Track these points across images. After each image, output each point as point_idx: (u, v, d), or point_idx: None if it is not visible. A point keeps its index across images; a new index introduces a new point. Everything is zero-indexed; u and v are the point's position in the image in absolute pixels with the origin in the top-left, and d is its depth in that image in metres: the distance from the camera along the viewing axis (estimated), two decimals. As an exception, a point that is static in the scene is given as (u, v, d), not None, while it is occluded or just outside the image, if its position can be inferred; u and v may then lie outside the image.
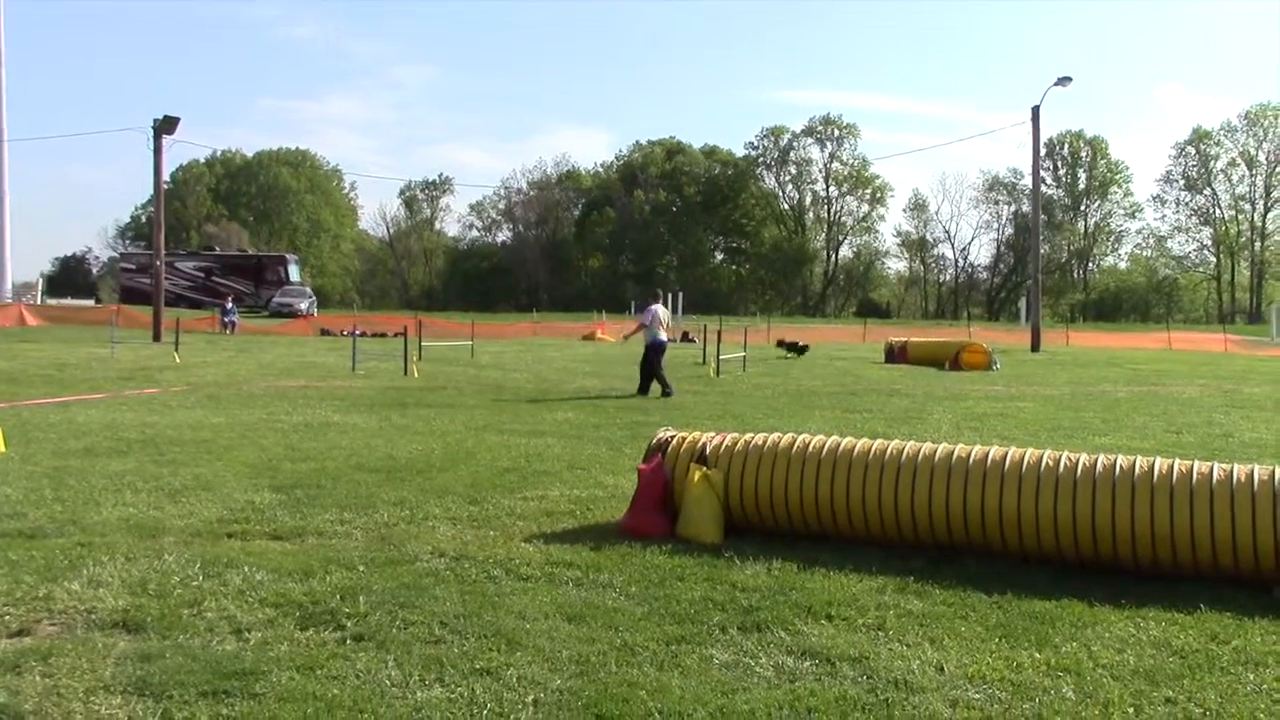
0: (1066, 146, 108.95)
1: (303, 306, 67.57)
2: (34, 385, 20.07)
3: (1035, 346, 43.35)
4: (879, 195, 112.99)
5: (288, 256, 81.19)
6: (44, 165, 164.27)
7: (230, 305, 55.07)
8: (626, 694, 4.82)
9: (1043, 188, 64.07)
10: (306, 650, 5.35)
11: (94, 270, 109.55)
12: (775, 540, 7.80)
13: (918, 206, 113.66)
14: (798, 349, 36.10)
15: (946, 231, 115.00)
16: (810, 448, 7.92)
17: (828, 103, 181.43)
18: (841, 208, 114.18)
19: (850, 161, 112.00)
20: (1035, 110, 44.99)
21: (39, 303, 66.56)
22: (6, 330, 45.63)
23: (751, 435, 8.36)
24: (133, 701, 4.68)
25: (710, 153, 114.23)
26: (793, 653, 5.45)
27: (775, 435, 8.27)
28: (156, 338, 39.10)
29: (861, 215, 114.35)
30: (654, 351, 20.01)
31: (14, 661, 5.11)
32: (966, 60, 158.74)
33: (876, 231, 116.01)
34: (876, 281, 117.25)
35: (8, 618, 5.79)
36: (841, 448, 7.87)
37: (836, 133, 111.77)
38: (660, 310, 20.86)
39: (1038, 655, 5.46)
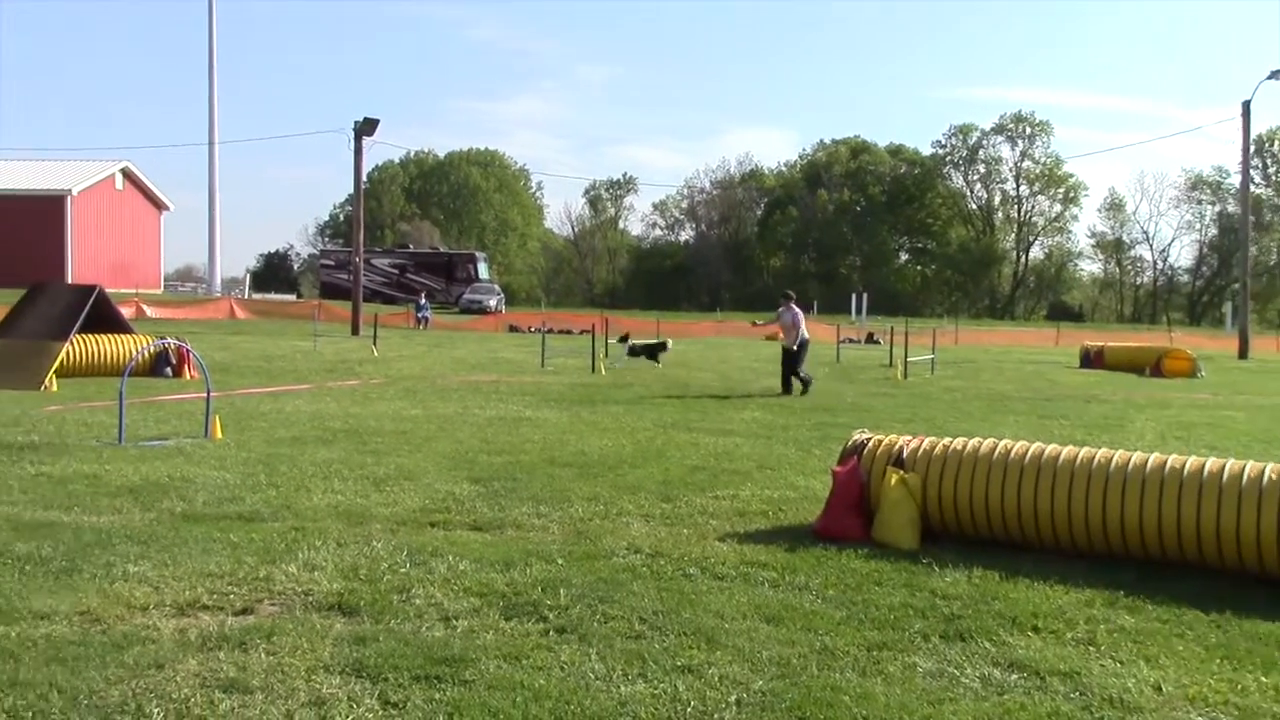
0: (1278, 143, 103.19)
1: (492, 303, 69.22)
2: (245, 376, 21.10)
3: (1243, 353, 41.27)
4: (1072, 195, 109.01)
5: (477, 254, 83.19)
6: (249, 165, 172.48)
7: (424, 301, 56.81)
8: (830, 698, 4.77)
9: (1251, 186, 60.91)
10: (511, 640, 5.47)
11: (295, 266, 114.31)
12: (974, 547, 7.62)
13: (1114, 206, 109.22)
14: (651, 350, 27.95)
15: (1145, 232, 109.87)
16: (1012, 454, 7.70)
17: (1019, 99, 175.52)
18: (1032, 207, 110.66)
19: (1042, 160, 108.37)
20: (1246, 105, 42.79)
21: (246, 297, 69.91)
22: (218, 323, 48.09)
23: (950, 440, 8.18)
24: (351, 682, 4.87)
25: (896, 151, 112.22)
26: (999, 664, 5.31)
27: (975, 440, 8.08)
28: (355, 331, 40.62)
29: (1053, 215, 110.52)
30: (805, 350, 19.96)
31: (240, 639, 5.37)
32: (1169, 54, 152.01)
33: (1069, 232, 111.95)
34: (1069, 284, 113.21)
35: (232, 596, 6.09)
36: (1046, 455, 7.63)
37: (1028, 130, 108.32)
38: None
39: (1264, 679, 5.18)
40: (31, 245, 60.38)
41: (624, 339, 27.73)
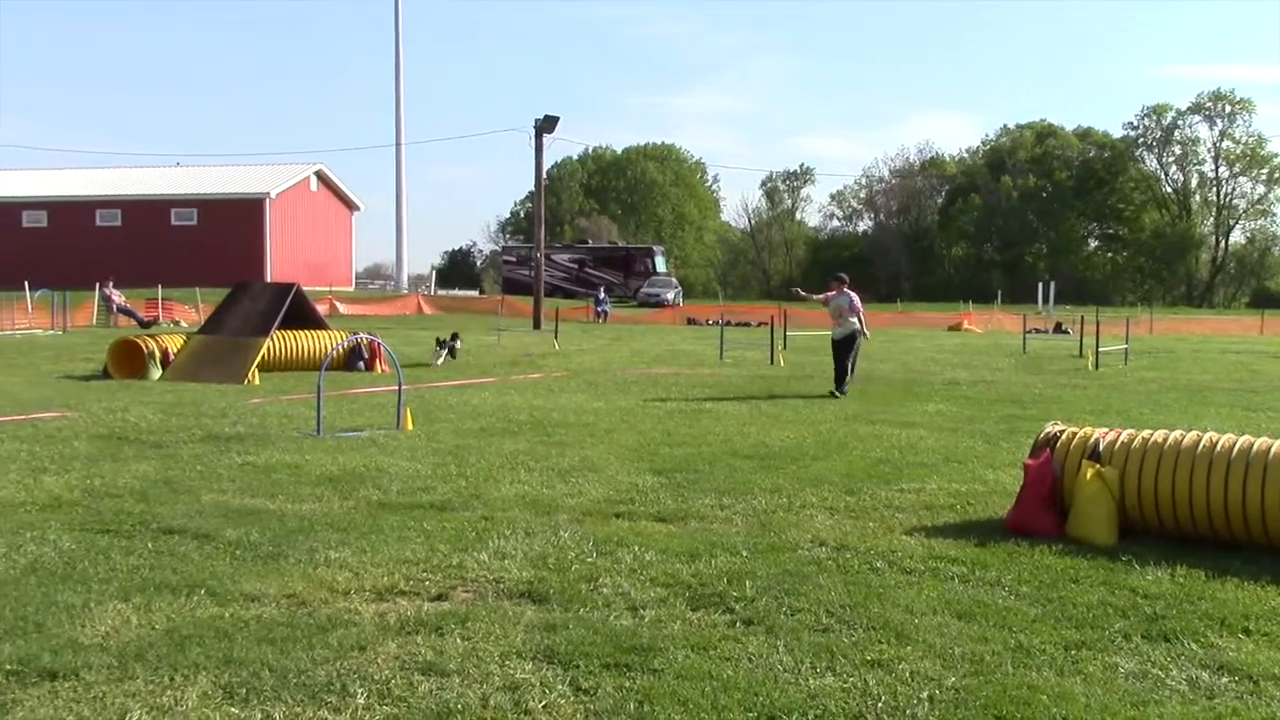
0: None
1: (669, 296, 69.58)
2: (432, 369, 21.70)
3: None
4: (1277, 175, 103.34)
5: (654, 248, 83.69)
6: (434, 165, 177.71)
7: (603, 295, 57.52)
8: (1026, 697, 4.64)
9: None
10: (698, 631, 5.49)
11: (478, 263, 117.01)
12: (1176, 544, 7.30)
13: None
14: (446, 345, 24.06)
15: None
16: (1218, 447, 7.35)
17: (1217, 76, 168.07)
18: (1233, 189, 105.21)
19: (1244, 139, 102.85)
20: None
21: (432, 293, 71.96)
22: (406, 318, 49.67)
23: (1150, 432, 7.86)
24: (543, 668, 4.97)
25: (1084, 135, 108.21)
26: (1208, 667, 5.08)
27: (1177, 433, 7.74)
28: (536, 325, 41.38)
29: (1256, 197, 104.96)
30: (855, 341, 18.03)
31: (436, 624, 5.53)
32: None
33: (1274, 214, 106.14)
34: (1273, 269, 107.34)
35: (427, 582, 6.29)
36: (1255, 448, 7.25)
37: (1228, 109, 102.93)
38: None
39: None
40: (234, 246, 63.40)
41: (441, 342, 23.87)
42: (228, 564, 6.62)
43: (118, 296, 39.61)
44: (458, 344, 24.51)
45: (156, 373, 18.54)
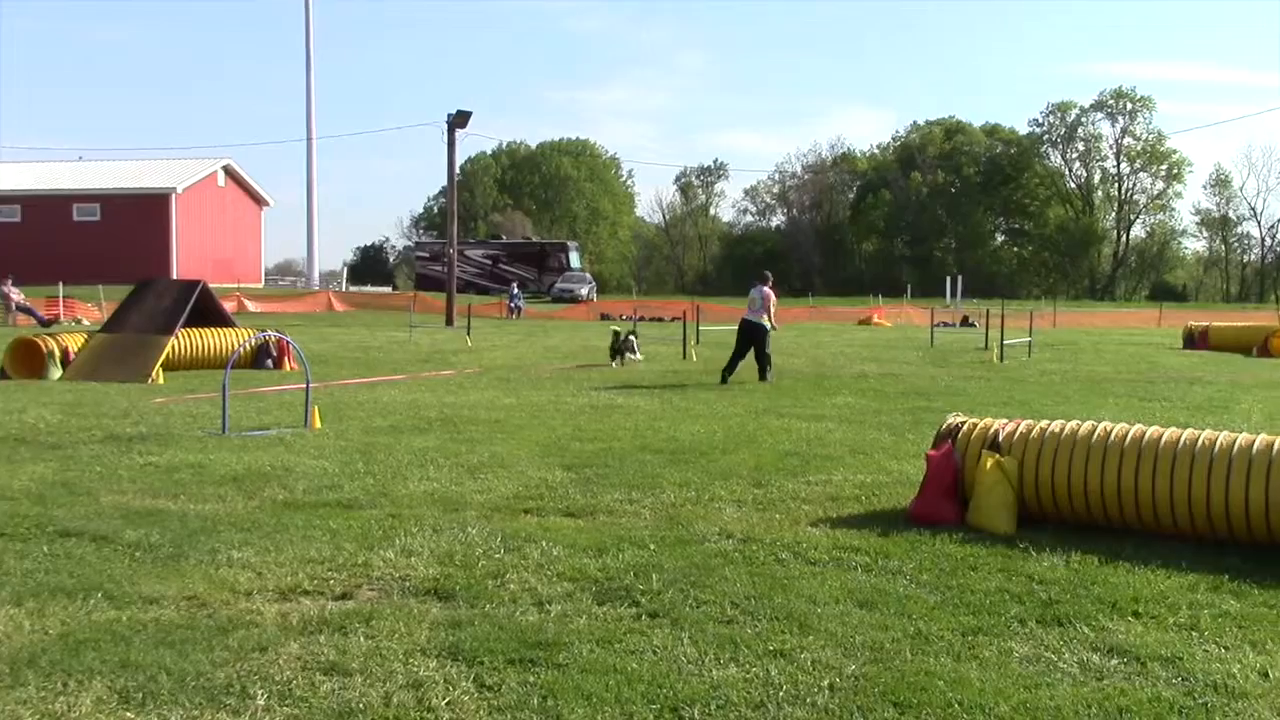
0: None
1: (583, 292, 69.58)
2: (343, 366, 21.50)
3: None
4: (1176, 171, 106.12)
5: (569, 244, 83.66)
6: (346, 159, 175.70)
7: (516, 291, 57.33)
8: (924, 683, 4.74)
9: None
10: (604, 624, 5.52)
11: (390, 259, 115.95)
12: (1072, 532, 7.49)
13: (1220, 182, 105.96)
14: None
15: (1252, 209, 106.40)
16: (1113, 436, 7.55)
17: (1119, 74, 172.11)
18: (1134, 185, 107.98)
19: (1144, 136, 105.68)
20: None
21: (344, 290, 71.13)
22: (316, 315, 49.03)
23: (1048, 423, 8.05)
24: (447, 665, 4.95)
25: (991, 131, 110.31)
26: (1098, 649, 5.22)
27: (1074, 423, 7.93)
28: (449, 322, 41.12)
29: (1156, 193, 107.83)
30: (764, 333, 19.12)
31: (340, 623, 5.49)
32: (1276, 22, 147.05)
33: (1173, 210, 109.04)
34: (1171, 263, 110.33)
35: (332, 581, 6.23)
36: (1147, 437, 7.47)
37: (1129, 106, 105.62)
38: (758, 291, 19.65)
39: (1377, 665, 5.02)
40: (138, 242, 62.09)
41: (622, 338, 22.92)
42: (126, 566, 6.49)
43: (16, 295, 38.57)
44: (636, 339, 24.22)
45: (56, 372, 18.10)
